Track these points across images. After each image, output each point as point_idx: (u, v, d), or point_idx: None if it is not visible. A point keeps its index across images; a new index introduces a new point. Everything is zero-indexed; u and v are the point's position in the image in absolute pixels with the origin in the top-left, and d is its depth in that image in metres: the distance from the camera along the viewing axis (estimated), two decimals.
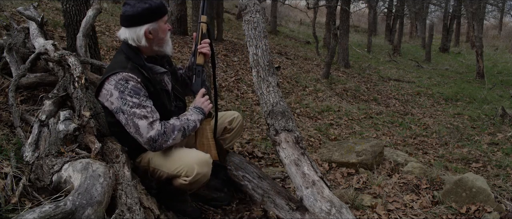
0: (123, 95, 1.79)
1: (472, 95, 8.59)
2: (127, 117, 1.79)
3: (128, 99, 1.79)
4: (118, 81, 1.80)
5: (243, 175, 2.34)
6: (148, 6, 1.85)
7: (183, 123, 1.90)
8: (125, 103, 1.79)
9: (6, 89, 2.64)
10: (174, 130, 1.85)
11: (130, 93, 1.80)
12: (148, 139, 1.78)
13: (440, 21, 23.04)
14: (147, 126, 1.78)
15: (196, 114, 2.00)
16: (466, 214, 2.54)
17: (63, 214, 1.36)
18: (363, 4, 19.88)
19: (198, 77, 2.16)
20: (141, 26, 1.87)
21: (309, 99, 6.64)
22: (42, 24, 3.19)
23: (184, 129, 1.89)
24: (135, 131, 1.80)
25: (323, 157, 3.52)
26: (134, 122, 1.79)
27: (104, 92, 1.84)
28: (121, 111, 1.80)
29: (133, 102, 1.79)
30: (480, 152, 4.45)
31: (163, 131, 1.81)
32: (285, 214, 2.04)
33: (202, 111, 2.03)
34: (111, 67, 1.89)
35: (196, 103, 2.06)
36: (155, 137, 1.79)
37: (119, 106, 1.80)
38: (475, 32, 11.48)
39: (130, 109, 1.78)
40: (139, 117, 1.78)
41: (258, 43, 2.46)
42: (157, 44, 1.95)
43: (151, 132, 1.78)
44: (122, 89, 1.79)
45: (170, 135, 1.83)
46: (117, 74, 1.81)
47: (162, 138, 1.80)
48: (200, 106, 2.05)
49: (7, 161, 1.87)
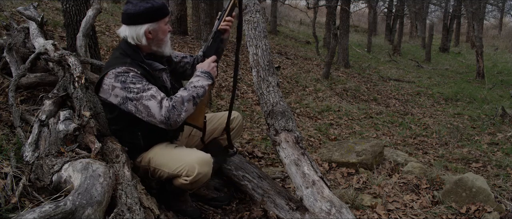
0: (125, 85, 1.78)
1: (472, 95, 8.59)
2: (135, 103, 1.78)
3: (132, 86, 1.78)
4: (118, 74, 1.79)
5: (243, 175, 2.35)
6: (150, 6, 1.86)
7: (191, 92, 1.87)
8: (130, 91, 1.78)
9: (6, 89, 2.64)
10: (183, 102, 1.82)
11: (133, 81, 1.79)
12: (161, 118, 1.76)
13: (440, 21, 23.04)
14: (157, 105, 1.76)
15: (204, 79, 1.95)
16: (466, 214, 2.54)
17: (63, 214, 1.36)
18: (363, 4, 19.89)
19: (214, 42, 2.13)
20: (141, 25, 1.87)
21: (309, 99, 6.64)
22: (42, 24, 3.19)
23: (193, 97, 1.86)
24: (147, 114, 1.78)
25: (323, 157, 3.52)
26: (144, 105, 1.77)
27: (105, 87, 1.83)
28: (128, 99, 1.78)
29: (137, 88, 1.78)
30: (480, 152, 4.44)
31: (172, 106, 1.79)
32: (285, 214, 2.04)
33: (211, 75, 1.98)
34: (110, 63, 1.88)
35: (204, 66, 2.01)
36: (167, 115, 1.76)
37: (124, 96, 1.79)
38: (475, 32, 11.48)
39: (136, 95, 1.77)
40: (147, 99, 1.77)
41: (258, 43, 2.46)
42: (156, 44, 1.95)
43: (163, 111, 1.76)
44: (123, 79, 1.78)
45: (181, 108, 1.81)
46: (117, 68, 1.81)
47: (173, 113, 1.78)
48: (208, 70, 1.99)
49: (7, 161, 1.87)
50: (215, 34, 2.15)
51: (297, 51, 11.39)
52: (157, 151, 1.98)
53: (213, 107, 4.87)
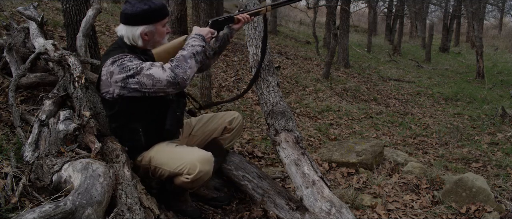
0: (123, 66, 1.77)
1: (472, 95, 8.59)
2: (138, 77, 1.76)
3: (129, 64, 1.77)
4: (115, 59, 1.79)
5: (243, 175, 2.34)
6: (147, 8, 1.85)
7: (190, 50, 1.86)
8: (129, 69, 1.76)
9: (6, 89, 2.64)
10: (186, 59, 1.81)
11: (130, 60, 1.78)
12: (168, 79, 1.74)
13: (440, 21, 23.04)
14: (159, 69, 1.75)
15: (199, 40, 1.93)
16: (466, 214, 2.54)
17: (63, 214, 1.36)
18: (363, 4, 19.88)
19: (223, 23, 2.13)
20: (137, 27, 1.87)
21: (309, 99, 6.64)
22: (42, 24, 3.19)
23: (194, 54, 1.85)
24: (153, 82, 1.75)
25: (323, 157, 3.52)
26: (147, 75, 1.75)
27: (104, 78, 1.82)
28: (129, 77, 1.76)
29: (135, 63, 1.77)
30: (480, 152, 4.44)
31: (176, 65, 1.78)
32: (285, 214, 2.04)
33: (203, 38, 1.96)
34: (107, 55, 1.88)
35: (196, 30, 2.02)
36: (172, 74, 1.75)
37: (124, 76, 1.77)
38: (475, 32, 11.48)
39: (136, 69, 1.75)
40: (148, 68, 1.75)
41: (258, 43, 2.46)
42: (152, 46, 1.95)
43: (167, 72, 1.75)
44: (119, 62, 1.77)
45: (185, 65, 1.79)
46: (113, 56, 1.80)
47: (178, 70, 1.76)
48: (200, 33, 1.99)
49: (7, 161, 1.87)
50: (230, 18, 2.15)
51: (297, 51, 11.39)
52: (158, 149, 1.97)
53: (213, 107, 4.87)
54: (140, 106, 1.88)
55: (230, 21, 2.16)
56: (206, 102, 4.79)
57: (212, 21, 2.13)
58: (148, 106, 1.90)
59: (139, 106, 1.88)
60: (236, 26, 2.18)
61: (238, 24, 2.17)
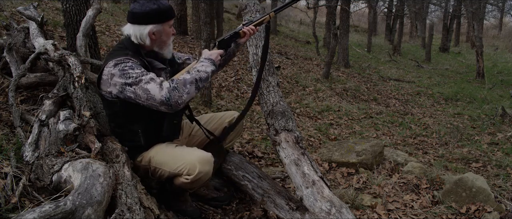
0: (124, 72, 1.76)
1: (472, 95, 8.59)
2: (134, 88, 1.75)
3: (130, 72, 1.76)
4: (117, 62, 1.79)
5: (243, 175, 2.34)
6: (156, 8, 1.86)
7: (194, 75, 1.84)
8: (129, 77, 1.75)
9: (6, 89, 2.64)
10: (186, 84, 1.79)
11: (132, 67, 1.77)
12: (161, 99, 1.72)
13: (440, 21, 23.03)
14: (156, 87, 1.73)
15: (208, 65, 1.93)
16: (466, 214, 2.54)
17: (63, 214, 1.36)
18: (363, 4, 19.89)
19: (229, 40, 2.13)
20: (146, 26, 1.87)
21: (309, 99, 6.64)
22: (42, 24, 3.19)
23: (196, 80, 1.83)
24: (147, 97, 1.74)
25: (323, 157, 3.52)
26: (143, 88, 1.74)
27: (105, 77, 1.82)
28: (127, 85, 1.76)
29: (136, 73, 1.76)
30: (480, 152, 4.44)
31: (174, 87, 1.76)
32: (285, 214, 2.04)
33: (213, 62, 1.96)
34: (111, 55, 1.88)
35: (206, 54, 2.01)
36: (167, 95, 1.73)
37: (123, 82, 1.76)
38: (475, 32, 11.48)
39: (135, 79, 1.75)
40: (146, 82, 1.74)
41: (258, 43, 2.46)
42: (158, 46, 1.95)
43: (163, 92, 1.73)
44: (121, 67, 1.77)
45: (183, 90, 1.77)
46: (117, 57, 1.80)
47: (175, 93, 1.74)
48: (210, 57, 1.98)
49: (7, 161, 1.87)
50: (235, 34, 2.15)
51: (297, 51, 11.39)
52: (158, 150, 1.97)
53: (213, 107, 4.87)
54: (139, 109, 1.88)
55: (236, 37, 2.15)
56: (206, 102, 4.80)
57: (219, 41, 2.13)
58: (146, 111, 1.90)
59: (138, 108, 1.88)
60: (242, 40, 2.17)
61: (244, 37, 2.16)
